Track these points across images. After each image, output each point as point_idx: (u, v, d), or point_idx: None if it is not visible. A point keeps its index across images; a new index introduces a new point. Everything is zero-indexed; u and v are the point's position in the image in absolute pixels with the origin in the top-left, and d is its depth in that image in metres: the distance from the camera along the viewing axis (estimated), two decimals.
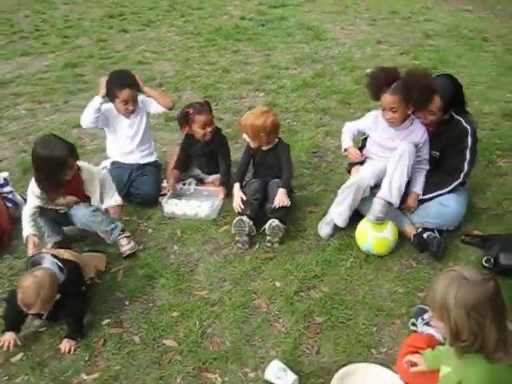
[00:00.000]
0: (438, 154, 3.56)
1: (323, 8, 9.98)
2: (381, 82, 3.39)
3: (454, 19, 9.16)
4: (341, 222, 3.52)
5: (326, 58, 7.18)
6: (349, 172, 3.80)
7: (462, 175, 3.50)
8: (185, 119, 4.00)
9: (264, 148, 3.72)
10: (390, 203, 3.33)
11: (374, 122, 3.61)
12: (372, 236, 3.33)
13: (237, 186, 3.70)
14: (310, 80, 6.34)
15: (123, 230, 3.49)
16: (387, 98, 3.35)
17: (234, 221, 3.47)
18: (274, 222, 3.45)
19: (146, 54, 7.62)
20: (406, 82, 3.33)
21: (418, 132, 3.47)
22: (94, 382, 2.59)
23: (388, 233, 3.35)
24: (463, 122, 3.48)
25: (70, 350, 2.75)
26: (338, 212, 3.52)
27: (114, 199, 3.62)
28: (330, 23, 8.92)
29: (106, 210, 3.59)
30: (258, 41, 8.07)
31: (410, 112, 3.42)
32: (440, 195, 3.50)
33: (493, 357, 1.88)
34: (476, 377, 1.90)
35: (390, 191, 3.33)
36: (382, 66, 3.62)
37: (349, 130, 3.74)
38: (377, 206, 3.31)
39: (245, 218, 3.46)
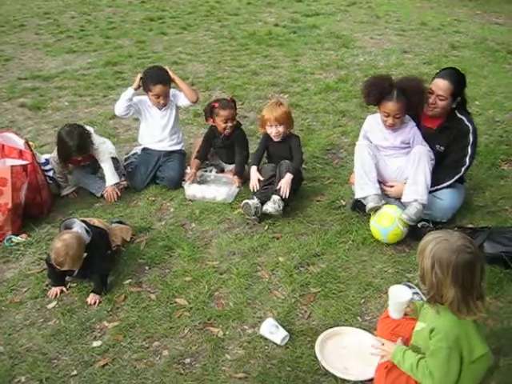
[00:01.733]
0: (443, 148, 3.85)
1: (355, 18, 10.29)
2: (382, 88, 3.66)
3: (482, 32, 9.34)
4: (358, 191, 3.74)
5: (351, 65, 7.52)
6: None
7: (463, 169, 3.81)
8: (210, 112, 4.42)
9: (276, 139, 4.10)
10: (423, 205, 3.60)
11: (369, 125, 3.95)
12: (373, 223, 3.66)
13: (254, 168, 4.12)
14: (333, 84, 6.70)
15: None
16: (392, 105, 3.63)
17: (242, 203, 3.90)
18: (275, 196, 3.87)
19: (181, 55, 8.10)
20: (405, 89, 3.63)
21: (406, 128, 3.78)
22: (114, 329, 3.01)
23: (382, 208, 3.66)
24: (465, 120, 3.81)
25: (95, 302, 3.19)
26: (356, 185, 3.77)
27: (111, 180, 4.29)
28: (359, 32, 9.24)
29: (102, 196, 4.31)
30: (289, 47, 8.45)
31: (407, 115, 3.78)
32: (443, 188, 3.80)
33: (456, 312, 2.20)
34: (444, 324, 2.21)
35: (423, 193, 3.59)
36: (375, 75, 3.99)
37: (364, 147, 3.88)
38: (413, 209, 3.57)
39: (250, 201, 3.86)
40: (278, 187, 3.89)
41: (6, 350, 2.90)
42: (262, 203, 3.90)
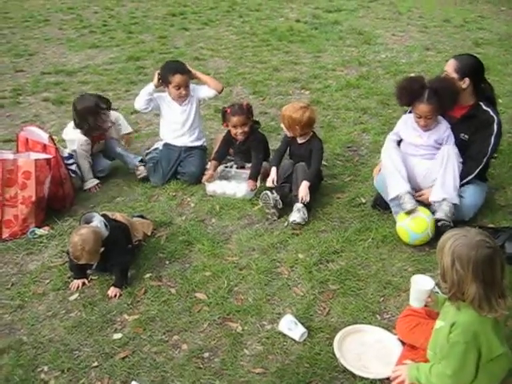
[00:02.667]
0: (467, 136, 3.83)
1: (377, 14, 10.23)
2: (413, 90, 3.68)
3: (507, 28, 9.22)
4: (392, 191, 3.70)
5: (372, 62, 7.48)
6: None
7: (484, 159, 3.79)
8: (223, 116, 4.43)
9: (299, 141, 4.11)
10: (454, 204, 3.60)
11: (403, 125, 3.92)
12: (405, 224, 3.59)
13: (273, 169, 4.12)
14: (355, 81, 6.67)
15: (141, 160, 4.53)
16: (423, 107, 3.64)
17: (261, 194, 3.91)
18: (298, 204, 3.86)
19: (202, 51, 8.13)
20: (436, 89, 3.63)
21: (440, 128, 3.77)
22: (134, 322, 3.05)
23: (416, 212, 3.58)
24: (490, 111, 3.79)
25: (115, 295, 3.24)
26: (389, 185, 3.74)
27: (126, 129, 4.67)
28: (381, 29, 9.18)
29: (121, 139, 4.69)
30: (310, 43, 8.44)
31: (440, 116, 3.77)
32: (466, 182, 3.78)
33: (477, 309, 2.20)
34: (465, 320, 2.22)
35: (451, 193, 3.59)
36: (407, 76, 3.99)
37: (390, 140, 3.93)
38: (446, 207, 3.57)
39: (269, 192, 3.87)
40: (295, 194, 3.91)
41: (29, 340, 2.95)
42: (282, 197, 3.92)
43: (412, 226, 3.57)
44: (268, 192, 3.88)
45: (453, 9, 10.55)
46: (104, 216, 3.41)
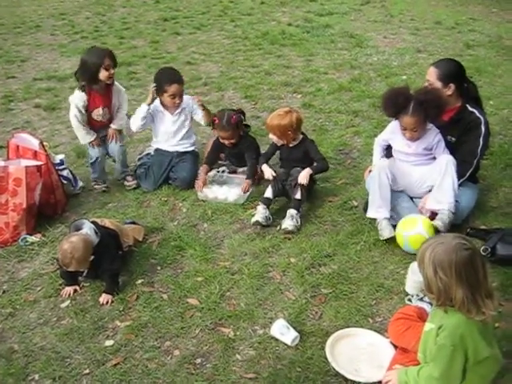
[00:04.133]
0: (454, 139, 3.84)
1: (369, 17, 10.25)
2: (398, 103, 3.63)
3: (498, 30, 9.24)
4: (372, 212, 3.75)
5: (364, 65, 7.49)
6: None
7: (474, 161, 3.81)
8: (212, 124, 4.44)
9: (290, 145, 4.11)
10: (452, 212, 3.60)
11: (392, 133, 3.90)
12: (406, 236, 3.55)
13: (264, 165, 4.17)
14: (347, 84, 6.68)
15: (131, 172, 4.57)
16: (408, 120, 3.61)
17: (252, 221, 3.88)
18: (291, 210, 3.85)
19: (194, 55, 8.13)
20: (422, 101, 3.57)
21: (429, 135, 3.74)
22: (126, 328, 3.04)
23: (420, 228, 3.51)
24: (477, 112, 3.79)
25: (107, 302, 3.23)
26: (370, 205, 3.77)
27: (115, 124, 4.51)
28: (373, 32, 9.20)
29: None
30: (302, 46, 8.44)
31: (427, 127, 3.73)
32: (461, 185, 3.76)
33: (465, 313, 2.20)
34: (452, 322, 2.22)
35: (450, 201, 3.58)
36: (393, 87, 3.97)
37: (378, 144, 4.04)
38: (444, 215, 3.57)
39: (259, 216, 3.84)
40: (297, 181, 3.92)
41: (20, 348, 2.94)
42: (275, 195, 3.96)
43: (411, 240, 3.51)
44: (258, 219, 3.83)
45: (444, 11, 10.58)
46: (93, 223, 3.39)
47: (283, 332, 2.89)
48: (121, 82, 6.87)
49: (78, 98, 4.30)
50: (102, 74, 4.24)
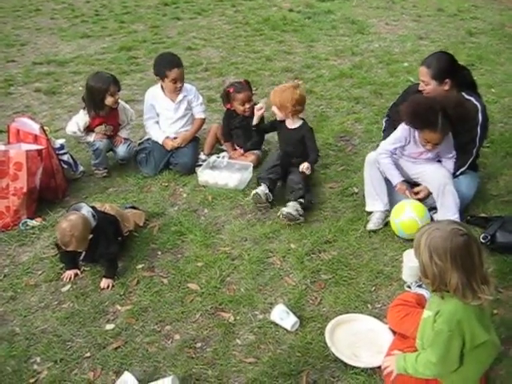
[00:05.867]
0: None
1: (370, 3, 10.18)
2: (428, 119, 3.39)
3: (501, 18, 9.20)
4: (369, 206, 3.79)
5: (365, 51, 7.46)
6: None
7: (474, 151, 3.79)
8: (227, 97, 4.46)
9: (289, 126, 4.10)
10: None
11: (401, 141, 3.69)
12: (397, 223, 3.58)
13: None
14: (348, 71, 6.65)
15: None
16: (434, 136, 3.43)
17: (251, 194, 3.89)
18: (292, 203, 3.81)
19: (195, 40, 8.08)
20: (451, 115, 3.37)
21: (448, 143, 3.63)
22: (126, 312, 3.06)
23: (409, 212, 3.53)
24: (473, 100, 3.76)
25: (108, 286, 3.24)
26: (366, 198, 3.81)
27: (123, 133, 4.59)
28: (374, 18, 9.15)
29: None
30: (303, 32, 8.40)
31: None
32: (458, 176, 3.77)
33: (461, 297, 2.22)
34: (449, 308, 2.23)
35: (456, 215, 3.54)
36: (418, 99, 3.59)
37: (387, 156, 3.72)
38: None
39: (260, 190, 3.85)
40: (300, 167, 3.92)
41: (21, 331, 2.96)
42: (270, 189, 3.91)
43: (403, 225, 3.54)
44: (258, 191, 3.84)
45: None
46: (93, 208, 3.39)
47: (283, 317, 2.91)
48: (121, 66, 6.93)
49: (80, 119, 4.39)
50: (108, 100, 4.32)
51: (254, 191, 3.89)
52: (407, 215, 3.53)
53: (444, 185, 3.56)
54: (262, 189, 3.86)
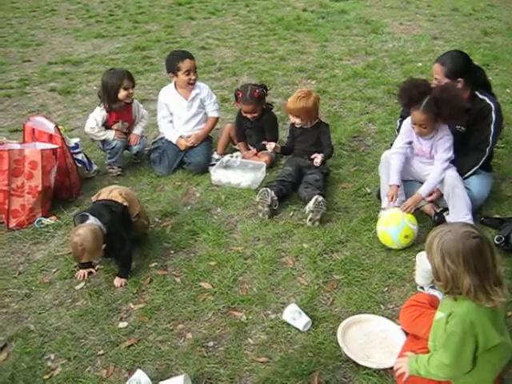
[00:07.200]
0: (463, 128, 3.77)
1: (385, 3, 10.16)
2: (412, 95, 3.48)
3: None
4: (384, 202, 3.78)
5: (379, 51, 7.44)
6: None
7: (487, 149, 3.75)
8: (236, 97, 4.46)
9: (305, 126, 4.13)
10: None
11: (407, 135, 3.74)
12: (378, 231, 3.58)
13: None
14: (361, 71, 6.64)
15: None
16: (417, 115, 3.48)
17: (260, 190, 3.88)
18: (318, 197, 3.75)
19: (209, 40, 8.12)
20: (436, 99, 3.41)
21: (439, 140, 3.62)
22: (139, 311, 3.08)
23: (382, 226, 3.52)
24: (487, 99, 3.73)
25: (121, 285, 3.26)
26: (382, 195, 3.82)
27: (137, 131, 4.62)
28: (389, 18, 9.13)
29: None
30: (317, 32, 8.40)
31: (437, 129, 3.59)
32: (471, 175, 3.75)
33: (474, 300, 2.20)
34: (462, 310, 2.22)
35: (468, 217, 3.52)
36: (413, 78, 3.75)
37: (400, 155, 3.73)
38: None
39: (269, 191, 3.83)
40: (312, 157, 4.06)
41: (36, 328, 2.99)
42: (278, 198, 3.90)
43: (387, 223, 3.52)
44: (268, 189, 3.86)
45: None
46: (98, 205, 3.34)
47: (295, 317, 2.91)
48: (135, 66, 6.98)
49: (97, 114, 4.42)
50: (121, 94, 4.36)
51: (264, 188, 3.89)
52: (385, 215, 3.60)
53: (453, 187, 3.55)
54: (272, 194, 3.85)
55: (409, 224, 3.49)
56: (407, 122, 3.73)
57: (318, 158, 4.02)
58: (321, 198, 3.73)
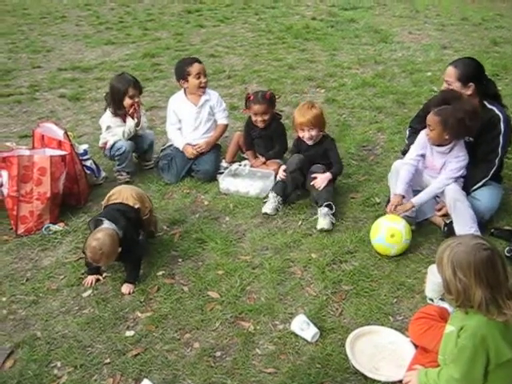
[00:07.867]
0: (472, 139, 3.73)
1: (394, 12, 10.16)
2: (435, 101, 3.59)
3: None
4: None
5: (388, 60, 7.43)
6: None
7: (496, 160, 3.72)
8: (246, 102, 4.46)
9: (308, 142, 4.10)
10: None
11: (422, 148, 3.72)
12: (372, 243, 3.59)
13: (283, 166, 4.17)
14: (370, 80, 6.63)
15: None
16: (429, 115, 3.54)
17: (263, 211, 3.99)
18: (323, 209, 3.80)
19: (218, 48, 8.14)
20: (452, 109, 3.44)
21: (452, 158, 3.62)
22: (146, 319, 3.06)
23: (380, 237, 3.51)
24: (495, 109, 3.71)
25: (129, 292, 3.25)
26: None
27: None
28: (398, 27, 9.12)
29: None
30: (326, 41, 8.41)
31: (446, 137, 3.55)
32: (480, 186, 3.72)
33: (486, 313, 2.18)
34: (473, 324, 2.20)
35: (474, 228, 3.50)
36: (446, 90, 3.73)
37: (411, 167, 3.72)
38: None
39: (268, 208, 3.96)
40: (312, 183, 3.94)
41: (43, 335, 2.98)
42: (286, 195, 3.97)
43: (376, 247, 3.55)
44: (267, 211, 3.96)
45: (471, 7, 10.45)
46: (112, 209, 3.35)
47: (303, 328, 2.89)
48: (144, 73, 7.00)
49: (107, 119, 4.47)
50: (126, 102, 4.39)
51: (263, 210, 3.97)
52: (372, 242, 3.59)
53: (454, 201, 3.52)
54: (274, 203, 3.95)
55: (389, 224, 3.51)
56: (423, 133, 3.70)
57: (318, 182, 3.93)
58: (325, 210, 3.79)
